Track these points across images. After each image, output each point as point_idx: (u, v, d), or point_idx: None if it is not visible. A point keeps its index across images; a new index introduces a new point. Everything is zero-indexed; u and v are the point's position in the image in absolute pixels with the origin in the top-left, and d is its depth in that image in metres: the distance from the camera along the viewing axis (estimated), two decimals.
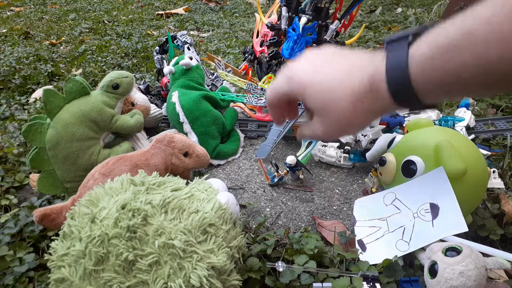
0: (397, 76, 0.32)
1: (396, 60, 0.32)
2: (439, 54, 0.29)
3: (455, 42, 0.28)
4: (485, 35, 0.26)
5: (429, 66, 0.30)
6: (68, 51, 1.61)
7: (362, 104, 0.35)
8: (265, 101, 0.80)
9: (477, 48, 0.27)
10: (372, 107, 0.35)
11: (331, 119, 0.39)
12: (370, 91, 0.34)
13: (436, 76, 0.30)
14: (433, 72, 0.30)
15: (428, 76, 0.30)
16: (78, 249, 0.34)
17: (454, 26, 0.29)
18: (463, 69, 0.28)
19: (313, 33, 0.77)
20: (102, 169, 0.55)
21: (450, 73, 0.29)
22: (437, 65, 0.29)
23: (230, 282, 0.39)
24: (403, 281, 0.43)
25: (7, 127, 0.91)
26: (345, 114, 0.37)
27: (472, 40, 0.27)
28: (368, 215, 0.54)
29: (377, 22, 1.85)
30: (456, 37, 0.28)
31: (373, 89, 0.34)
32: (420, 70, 0.30)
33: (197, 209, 0.39)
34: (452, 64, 0.28)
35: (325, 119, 0.39)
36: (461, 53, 0.28)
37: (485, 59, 0.27)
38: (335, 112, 0.37)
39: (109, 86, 0.64)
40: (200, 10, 2.43)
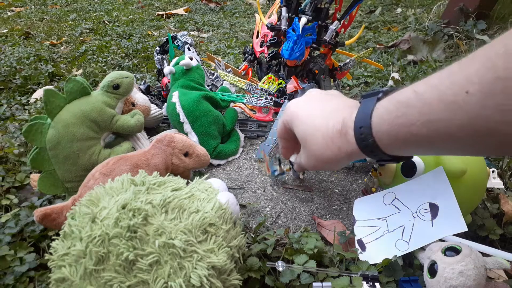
0: (361, 124, 0.35)
1: (363, 111, 0.35)
2: (395, 109, 0.31)
3: (407, 99, 0.30)
4: (430, 97, 0.28)
5: (386, 118, 0.32)
6: (68, 51, 1.62)
7: (333, 143, 0.39)
8: (265, 101, 0.80)
9: (423, 108, 0.29)
10: (342, 149, 0.38)
11: (310, 151, 0.43)
12: (340, 133, 0.38)
13: (391, 128, 0.32)
14: (389, 125, 0.32)
15: (385, 127, 0.32)
16: (79, 248, 0.35)
17: (411, 86, 0.31)
18: (411, 125, 0.30)
19: (313, 33, 0.77)
20: (102, 169, 0.55)
21: (402, 127, 0.31)
22: (392, 118, 0.32)
23: (230, 281, 0.39)
24: (402, 281, 0.43)
25: (8, 127, 0.91)
26: (319, 148, 0.40)
27: (421, 100, 0.29)
28: (368, 215, 0.54)
29: (376, 22, 1.85)
30: (409, 94, 0.30)
31: (343, 132, 0.37)
32: (379, 121, 0.33)
33: (198, 209, 0.40)
34: (403, 119, 0.31)
35: (306, 150, 0.44)
36: (410, 110, 0.30)
37: (426, 118, 0.29)
38: (312, 145, 0.42)
39: (110, 86, 0.64)
40: (200, 10, 2.43)
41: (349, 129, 0.36)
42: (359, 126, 0.35)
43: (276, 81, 0.82)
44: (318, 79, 0.83)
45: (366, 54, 0.86)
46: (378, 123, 0.33)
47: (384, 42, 1.54)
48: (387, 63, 1.29)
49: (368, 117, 0.34)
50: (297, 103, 0.46)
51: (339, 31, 0.81)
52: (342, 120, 0.38)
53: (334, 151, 0.39)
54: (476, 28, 1.36)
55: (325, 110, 0.41)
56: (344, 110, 0.39)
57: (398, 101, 0.31)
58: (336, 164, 0.41)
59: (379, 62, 1.28)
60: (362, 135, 0.34)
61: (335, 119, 0.39)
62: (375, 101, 0.34)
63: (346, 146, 0.37)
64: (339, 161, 0.40)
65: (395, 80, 1.09)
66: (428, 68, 1.17)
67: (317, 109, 0.42)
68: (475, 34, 1.34)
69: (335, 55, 1.22)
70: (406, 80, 1.11)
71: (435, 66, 1.19)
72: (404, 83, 1.10)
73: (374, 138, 0.34)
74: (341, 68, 0.87)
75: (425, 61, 1.27)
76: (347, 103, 0.41)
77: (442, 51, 1.32)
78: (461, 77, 0.26)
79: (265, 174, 0.70)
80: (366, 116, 0.34)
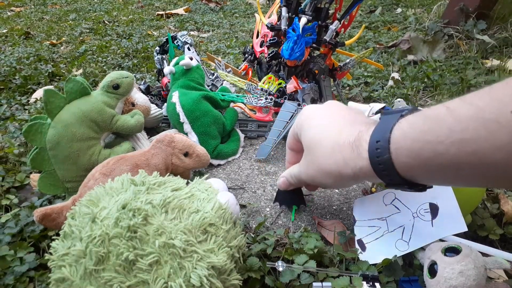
0: (378, 138, 0.32)
1: (383, 125, 0.32)
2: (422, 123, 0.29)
3: (437, 114, 0.28)
4: (465, 114, 0.26)
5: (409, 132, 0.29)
6: (68, 51, 1.62)
7: (340, 154, 0.35)
8: (265, 101, 0.80)
9: (455, 125, 0.26)
10: (350, 164, 0.35)
11: (312, 158, 0.40)
12: (352, 146, 0.34)
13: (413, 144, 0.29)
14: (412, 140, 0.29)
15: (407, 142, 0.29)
16: (79, 248, 0.35)
17: (443, 103, 0.28)
18: (439, 143, 0.27)
19: (313, 33, 0.77)
20: (102, 169, 0.55)
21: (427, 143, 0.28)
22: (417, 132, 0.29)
23: (230, 281, 0.39)
24: (402, 281, 0.43)
25: (8, 127, 0.91)
26: (324, 157, 0.37)
27: (453, 116, 0.26)
28: (368, 215, 0.54)
29: (377, 22, 1.85)
30: (439, 110, 0.28)
31: (356, 144, 0.34)
32: (401, 134, 0.30)
33: (197, 209, 0.40)
34: (430, 135, 0.28)
35: (308, 158, 0.41)
36: (439, 126, 0.27)
37: (457, 137, 0.26)
38: (317, 152, 0.39)
39: (110, 86, 0.64)
40: (200, 10, 2.43)
41: (364, 142, 0.33)
42: (376, 139, 0.32)
43: (276, 81, 0.82)
44: (318, 79, 0.83)
45: (366, 54, 0.86)
46: (398, 137, 0.30)
47: (384, 42, 1.54)
48: (387, 63, 1.29)
49: (387, 130, 0.31)
50: (312, 110, 0.43)
51: (339, 31, 0.81)
52: (358, 133, 0.34)
53: (339, 164, 0.35)
54: (476, 28, 1.36)
55: (341, 122, 0.38)
56: (361, 124, 0.36)
57: (426, 116, 0.28)
58: (338, 179, 0.37)
59: (379, 62, 1.28)
60: (378, 149, 0.31)
61: (350, 131, 0.35)
62: (398, 116, 0.31)
63: (356, 161, 0.34)
64: (343, 176, 0.36)
65: (395, 80, 1.09)
66: (428, 68, 1.17)
67: (332, 119, 0.39)
68: (475, 34, 1.34)
69: (335, 55, 1.22)
70: (406, 80, 1.11)
71: (435, 66, 1.19)
72: (404, 83, 1.10)
73: (390, 155, 0.30)
74: (341, 68, 0.87)
75: (425, 61, 1.27)
76: (366, 119, 0.38)
77: (442, 51, 1.32)
78: (504, 94, 0.24)
79: (266, 181, 0.70)
80: (385, 130, 0.31)
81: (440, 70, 1.16)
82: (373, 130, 0.33)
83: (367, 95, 1.05)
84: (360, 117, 0.38)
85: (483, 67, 1.14)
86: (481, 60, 1.19)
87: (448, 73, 1.12)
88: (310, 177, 0.41)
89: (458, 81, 1.05)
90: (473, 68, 1.14)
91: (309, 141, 0.40)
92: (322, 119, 0.40)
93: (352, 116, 0.39)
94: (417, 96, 1.02)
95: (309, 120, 0.41)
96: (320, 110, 0.42)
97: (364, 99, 1.04)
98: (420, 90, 1.05)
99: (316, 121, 0.41)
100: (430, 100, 0.99)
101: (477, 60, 1.19)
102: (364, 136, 0.33)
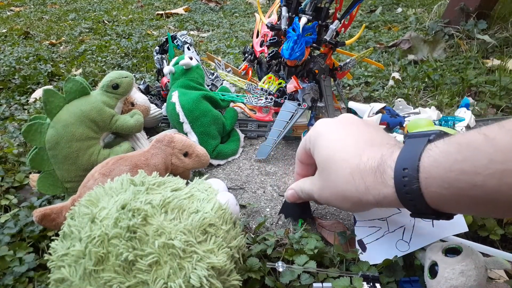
0: (406, 165, 0.29)
1: (410, 150, 0.30)
2: (456, 151, 0.26)
3: (474, 142, 0.26)
4: (507, 143, 0.24)
5: (442, 161, 0.27)
6: (68, 51, 1.61)
7: (362, 180, 0.33)
8: (265, 101, 0.80)
9: (495, 155, 0.24)
10: (372, 191, 0.32)
11: (329, 181, 0.37)
12: (375, 172, 0.32)
13: (447, 175, 0.26)
14: (445, 170, 0.27)
15: (439, 173, 0.27)
16: (78, 249, 0.34)
17: (478, 129, 0.26)
18: (476, 174, 0.25)
19: (313, 33, 0.77)
20: (102, 169, 0.55)
21: (462, 174, 0.26)
22: (451, 162, 0.26)
23: (230, 282, 0.39)
24: (403, 281, 0.43)
25: (7, 127, 0.91)
26: (342, 182, 0.35)
27: (493, 145, 0.25)
28: (368, 215, 0.54)
29: (377, 22, 1.85)
30: (476, 137, 0.26)
31: (380, 170, 0.32)
32: (432, 163, 0.28)
33: (197, 209, 0.39)
34: (467, 165, 0.26)
35: (323, 179, 0.38)
36: (477, 155, 0.25)
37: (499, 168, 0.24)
38: (334, 175, 0.36)
39: (109, 86, 0.64)
40: (200, 10, 2.43)
41: (388, 168, 0.31)
42: (403, 167, 0.29)
43: (276, 81, 0.82)
44: (318, 79, 0.83)
45: (367, 53, 0.86)
46: (429, 167, 0.28)
47: (385, 41, 1.54)
48: (387, 62, 1.28)
49: (416, 158, 0.28)
50: (326, 123, 0.40)
51: (339, 30, 0.81)
52: (380, 156, 0.32)
53: (360, 190, 0.33)
54: (476, 27, 1.36)
55: (360, 140, 0.35)
56: (382, 146, 0.33)
57: (459, 143, 0.26)
58: (356, 205, 0.35)
59: (380, 62, 1.28)
60: (406, 178, 0.29)
61: (371, 155, 0.33)
62: (426, 141, 0.29)
63: (379, 188, 0.31)
64: (362, 203, 0.34)
65: (395, 80, 1.09)
66: (429, 68, 1.17)
67: (349, 135, 0.36)
68: (476, 34, 1.33)
69: (336, 55, 1.22)
70: (407, 80, 1.11)
71: (435, 66, 1.19)
72: (405, 83, 1.10)
73: (419, 184, 0.28)
74: (342, 68, 0.87)
75: (426, 60, 1.27)
76: (387, 139, 0.35)
77: (443, 50, 1.32)
78: None
79: (266, 181, 0.70)
80: (413, 157, 0.29)
81: (441, 70, 1.16)
82: (398, 156, 0.31)
83: (367, 95, 1.05)
84: (380, 136, 0.36)
85: (484, 67, 1.14)
86: (481, 60, 1.19)
87: (448, 73, 1.12)
88: (325, 199, 0.39)
89: (458, 81, 1.05)
90: (474, 68, 1.14)
91: (325, 161, 0.37)
92: (338, 136, 0.37)
93: (371, 135, 0.36)
94: (417, 96, 1.02)
95: (323, 137, 0.38)
96: (335, 125, 0.39)
97: (364, 99, 1.04)
98: (420, 90, 1.05)
99: (331, 138, 0.38)
100: (430, 100, 0.99)
101: (478, 60, 1.18)
102: (388, 161, 0.31)
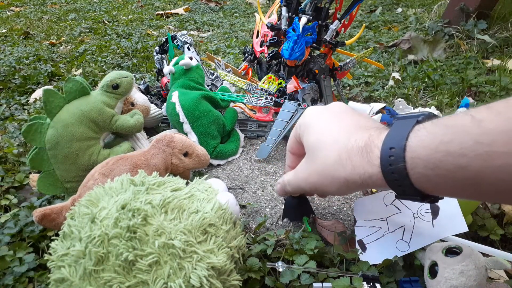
0: (393, 145, 0.29)
1: (397, 130, 0.30)
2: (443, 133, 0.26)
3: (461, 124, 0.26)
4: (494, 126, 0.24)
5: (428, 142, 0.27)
6: (68, 51, 1.62)
7: (348, 160, 0.33)
8: (265, 101, 0.80)
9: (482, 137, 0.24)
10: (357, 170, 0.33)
11: (316, 163, 0.37)
12: (362, 151, 0.32)
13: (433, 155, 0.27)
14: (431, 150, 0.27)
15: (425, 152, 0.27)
16: (78, 249, 0.34)
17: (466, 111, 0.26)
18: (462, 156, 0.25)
19: (313, 33, 0.77)
20: (102, 169, 0.55)
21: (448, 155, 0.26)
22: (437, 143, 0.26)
23: (230, 282, 0.39)
24: (403, 281, 0.43)
25: (7, 127, 0.91)
26: (329, 162, 0.35)
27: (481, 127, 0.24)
28: (368, 215, 0.54)
29: (377, 22, 1.85)
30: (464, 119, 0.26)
31: (366, 150, 0.32)
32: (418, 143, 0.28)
33: (197, 209, 0.39)
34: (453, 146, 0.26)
35: (310, 163, 0.38)
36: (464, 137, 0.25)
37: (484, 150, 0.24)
38: (322, 157, 0.36)
39: (109, 86, 0.64)
40: (200, 10, 2.43)
41: (375, 147, 0.31)
42: (390, 146, 0.29)
43: (276, 81, 0.82)
44: (318, 79, 0.83)
45: (367, 53, 0.86)
46: (415, 146, 0.28)
47: (385, 41, 1.54)
48: (387, 62, 1.29)
49: (403, 137, 0.28)
50: (315, 111, 0.40)
51: (339, 30, 0.81)
52: (368, 137, 0.32)
53: (347, 170, 0.33)
54: (476, 28, 1.36)
55: (349, 125, 0.36)
56: (372, 129, 0.33)
57: (447, 125, 0.26)
58: (343, 186, 0.35)
59: (380, 62, 1.28)
60: (392, 157, 0.29)
61: (359, 135, 0.33)
62: (415, 122, 0.29)
63: (365, 167, 0.32)
64: (349, 184, 0.34)
65: (395, 80, 1.09)
66: (429, 68, 1.17)
67: (338, 121, 0.37)
68: (476, 34, 1.33)
69: (336, 55, 1.22)
70: (407, 80, 1.11)
71: (435, 65, 1.19)
72: (405, 83, 1.10)
73: (405, 164, 0.28)
74: (342, 68, 0.87)
75: (426, 61, 1.27)
76: (376, 124, 0.35)
77: (442, 51, 1.32)
78: None
79: (266, 181, 0.70)
80: (400, 136, 0.29)
81: (441, 70, 1.16)
82: (386, 136, 0.31)
83: (367, 95, 1.05)
84: (369, 121, 0.36)
85: (484, 67, 1.14)
86: (481, 60, 1.19)
87: (448, 73, 1.12)
88: (311, 184, 0.38)
89: (458, 81, 1.05)
90: (474, 68, 1.14)
91: (313, 144, 0.38)
92: (327, 121, 0.38)
93: (360, 120, 0.36)
94: (417, 96, 1.02)
95: (312, 122, 0.39)
96: (324, 111, 0.40)
97: (364, 99, 1.04)
98: (420, 90, 1.05)
99: (320, 123, 0.38)
100: (430, 100, 0.99)
101: (478, 60, 1.18)
102: (375, 141, 0.31)
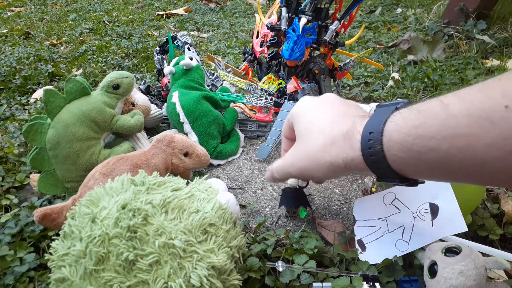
0: (371, 129, 0.31)
1: (377, 117, 0.32)
2: (415, 117, 0.28)
3: (430, 109, 0.27)
4: (458, 110, 0.26)
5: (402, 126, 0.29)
6: (68, 51, 1.62)
7: (332, 145, 0.35)
8: (265, 102, 0.80)
9: (448, 120, 0.26)
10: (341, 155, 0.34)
11: (304, 149, 0.39)
12: (345, 136, 0.34)
13: (406, 138, 0.28)
14: (404, 134, 0.29)
15: (399, 136, 0.29)
16: (79, 249, 0.35)
17: (438, 97, 0.28)
18: (430, 138, 0.27)
19: (313, 33, 0.77)
20: (102, 169, 0.55)
21: (418, 138, 0.27)
22: (409, 126, 0.28)
23: (230, 281, 0.39)
24: (402, 281, 0.43)
25: (8, 127, 0.91)
26: (315, 147, 0.37)
27: (447, 111, 0.26)
28: (368, 215, 0.54)
29: (376, 22, 1.85)
30: (433, 104, 0.27)
31: (348, 136, 0.34)
32: (394, 128, 0.30)
33: (197, 209, 0.40)
34: (422, 129, 0.27)
35: (299, 148, 0.41)
36: (432, 121, 0.27)
37: (449, 132, 0.26)
38: (309, 142, 0.38)
39: (110, 86, 0.64)
40: (200, 10, 2.43)
41: (357, 132, 0.33)
42: (369, 131, 0.31)
43: (276, 81, 0.82)
44: (318, 79, 0.83)
45: (366, 54, 0.86)
46: (391, 130, 0.30)
47: (384, 42, 1.54)
48: (387, 63, 1.29)
49: (381, 122, 0.30)
50: (308, 100, 0.43)
51: (339, 31, 0.81)
52: (351, 123, 0.34)
53: (331, 154, 0.35)
54: (476, 28, 1.36)
55: (336, 114, 0.38)
56: (356, 117, 0.35)
57: (419, 110, 0.28)
58: (328, 170, 0.37)
59: (379, 62, 1.28)
60: (371, 140, 0.31)
61: (344, 122, 0.35)
62: (393, 109, 0.31)
63: (347, 151, 0.34)
64: (334, 167, 0.36)
65: (395, 80, 1.09)
66: (428, 68, 1.17)
67: (327, 110, 0.39)
68: (475, 34, 1.34)
69: (335, 55, 1.22)
70: (406, 80, 1.11)
71: (435, 66, 1.19)
72: (404, 83, 1.10)
73: (382, 147, 0.30)
74: (341, 68, 0.87)
75: (425, 61, 1.27)
76: (362, 112, 0.37)
77: (442, 51, 1.32)
78: (497, 91, 0.24)
79: (266, 181, 0.70)
80: (379, 122, 0.31)
81: (440, 70, 1.16)
82: (367, 122, 0.33)
83: (367, 95, 1.05)
84: (355, 110, 0.38)
85: (483, 67, 1.14)
86: (481, 60, 1.19)
87: (448, 73, 1.12)
88: (298, 169, 0.40)
89: (458, 81, 1.05)
90: (473, 68, 1.14)
91: (302, 132, 0.40)
92: (317, 109, 0.40)
93: (347, 108, 0.39)
94: (417, 96, 1.02)
95: (304, 110, 0.41)
96: (316, 101, 0.42)
97: (364, 99, 1.04)
98: (420, 90, 1.05)
99: (310, 111, 0.40)
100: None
101: (477, 60, 1.19)
102: (358, 127, 0.33)
